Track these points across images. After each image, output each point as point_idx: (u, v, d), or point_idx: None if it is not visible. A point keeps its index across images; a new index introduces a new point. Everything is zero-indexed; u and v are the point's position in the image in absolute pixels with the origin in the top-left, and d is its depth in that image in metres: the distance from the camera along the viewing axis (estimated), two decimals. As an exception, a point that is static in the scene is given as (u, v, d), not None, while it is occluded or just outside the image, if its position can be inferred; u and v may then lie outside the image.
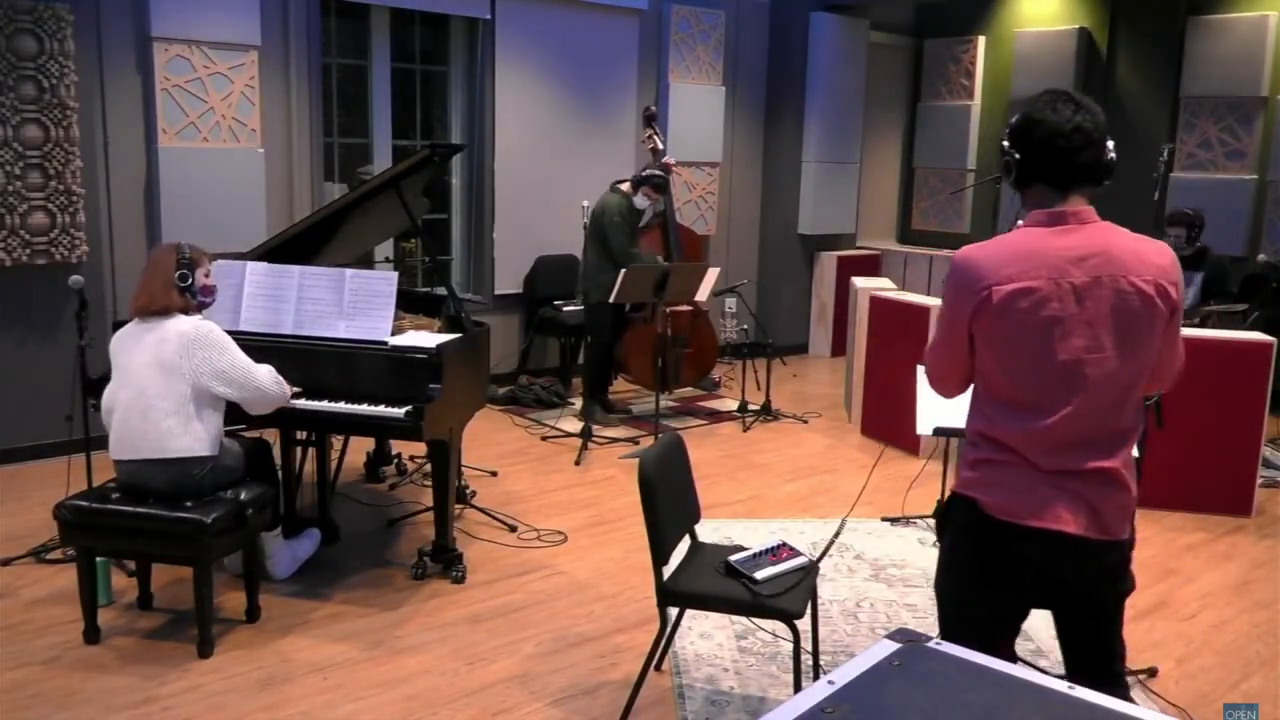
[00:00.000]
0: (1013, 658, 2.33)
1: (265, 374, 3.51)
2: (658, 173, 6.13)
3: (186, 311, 3.45)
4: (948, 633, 2.24)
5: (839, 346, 8.25)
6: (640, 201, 6.10)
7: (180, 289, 3.43)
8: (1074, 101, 2.08)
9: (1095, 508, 2.09)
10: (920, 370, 3.34)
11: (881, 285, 6.60)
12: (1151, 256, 2.07)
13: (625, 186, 6.17)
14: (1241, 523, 4.91)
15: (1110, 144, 2.12)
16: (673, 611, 3.11)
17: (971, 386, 2.24)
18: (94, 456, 4.10)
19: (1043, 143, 2.08)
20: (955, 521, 2.25)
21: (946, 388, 2.32)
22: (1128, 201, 4.56)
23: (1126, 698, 2.30)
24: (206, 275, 3.54)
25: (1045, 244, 2.07)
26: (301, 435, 4.32)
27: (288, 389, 3.62)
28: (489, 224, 6.98)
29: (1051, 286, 2.04)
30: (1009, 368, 2.10)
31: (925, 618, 3.84)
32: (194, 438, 3.37)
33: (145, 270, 3.51)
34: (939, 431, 3.30)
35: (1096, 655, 2.27)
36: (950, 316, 2.18)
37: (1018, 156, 2.13)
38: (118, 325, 3.59)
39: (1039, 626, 3.77)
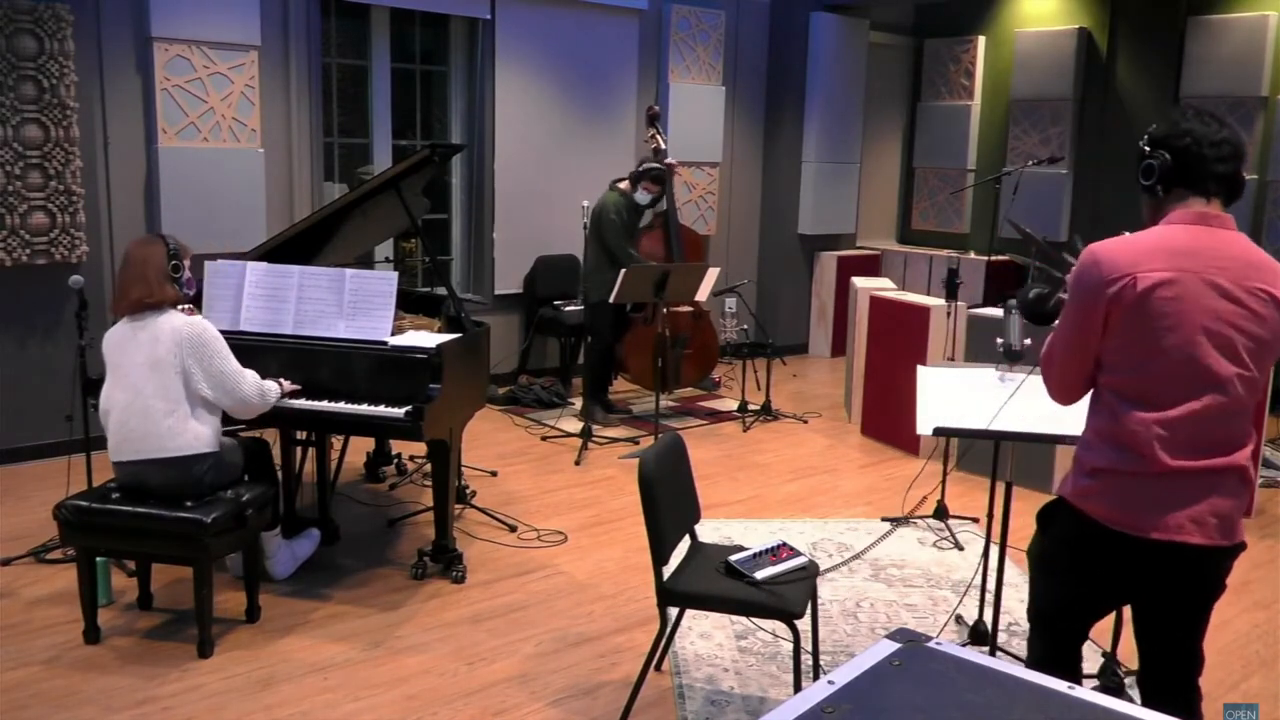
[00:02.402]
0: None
1: (251, 384, 3.49)
2: (655, 165, 6.14)
3: (177, 304, 3.44)
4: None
5: (839, 346, 8.25)
6: (641, 196, 6.10)
7: (173, 280, 3.43)
8: (1219, 119, 2.17)
9: (1218, 510, 2.11)
10: (920, 370, 3.33)
11: (881, 285, 6.61)
12: None
13: (624, 184, 6.17)
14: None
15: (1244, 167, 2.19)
16: (673, 611, 3.11)
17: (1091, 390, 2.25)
18: (94, 456, 4.10)
19: (1192, 148, 2.14)
20: (1061, 530, 2.28)
21: (1069, 392, 2.31)
22: (1130, 201, 4.55)
23: (1120, 687, 2.32)
24: (189, 267, 3.54)
25: (1191, 240, 2.11)
26: (301, 435, 4.32)
27: (272, 398, 3.57)
28: (489, 224, 6.98)
29: (1194, 281, 2.07)
30: (1141, 359, 2.11)
31: (925, 618, 3.84)
32: (193, 435, 3.37)
33: (131, 265, 3.43)
34: (939, 431, 3.29)
35: (1178, 658, 2.29)
36: (1080, 312, 2.18)
37: (1167, 157, 2.17)
38: (114, 323, 3.59)
39: (1039, 626, 3.77)
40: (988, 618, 3.54)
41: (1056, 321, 2.33)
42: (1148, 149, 2.21)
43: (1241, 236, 2.15)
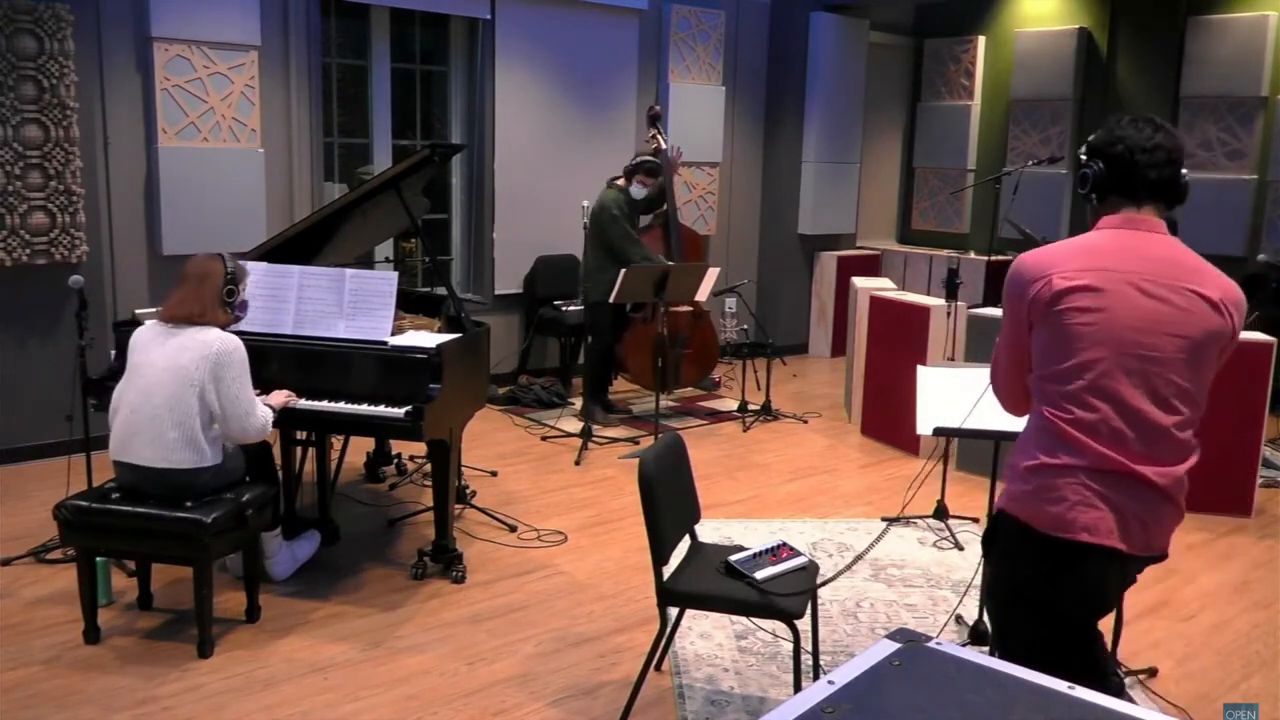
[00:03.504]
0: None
1: (258, 420, 3.43)
2: (649, 158, 6.14)
3: (225, 327, 3.43)
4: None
5: (839, 346, 8.25)
6: (636, 190, 6.10)
7: (226, 304, 3.44)
8: (1154, 123, 2.17)
9: (1144, 521, 2.09)
10: (920, 370, 3.33)
11: (881, 285, 6.60)
12: (1219, 277, 2.13)
13: (620, 181, 6.18)
14: (1241, 523, 4.91)
15: (1185, 170, 2.19)
16: (673, 611, 3.11)
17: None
18: (94, 456, 4.10)
19: (1123, 156, 2.15)
20: (1001, 546, 2.26)
21: (1016, 400, 2.33)
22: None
23: (1120, 687, 2.31)
24: (244, 290, 3.53)
25: (1113, 243, 2.12)
26: (301, 435, 4.32)
27: (268, 429, 3.51)
28: (489, 224, 6.98)
29: (1118, 283, 2.07)
30: (1062, 360, 2.11)
31: (925, 618, 3.84)
32: (196, 451, 3.34)
33: (187, 281, 3.43)
34: (939, 431, 3.30)
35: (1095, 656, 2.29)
36: (1010, 319, 2.21)
37: (1099, 167, 2.18)
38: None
39: (1039, 626, 3.77)
40: (987, 618, 3.54)
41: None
42: (1084, 158, 2.23)
43: (1169, 239, 2.15)
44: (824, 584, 3.68)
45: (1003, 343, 2.28)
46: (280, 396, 3.67)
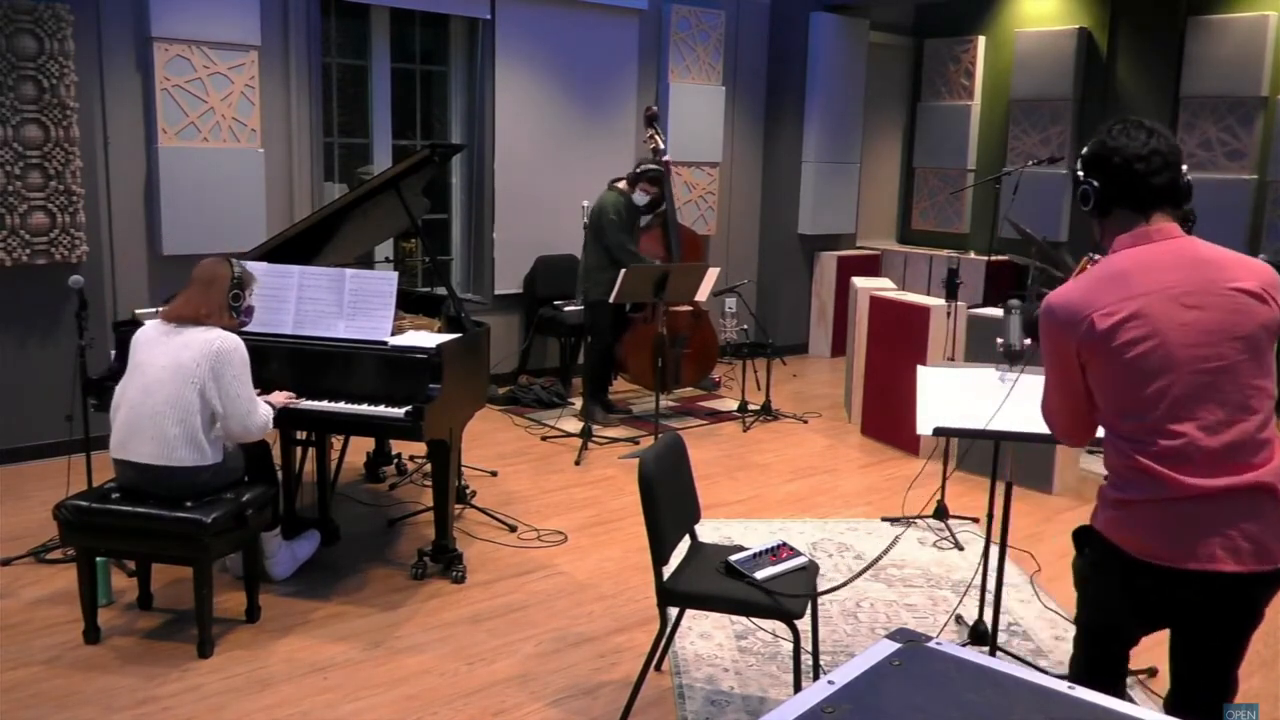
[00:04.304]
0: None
1: (260, 419, 3.43)
2: (653, 166, 6.14)
3: (227, 328, 3.43)
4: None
5: (839, 346, 8.25)
6: (639, 197, 6.10)
7: (232, 308, 3.44)
8: (1145, 127, 2.12)
9: (1250, 534, 2.01)
10: (920, 370, 3.33)
11: (881, 285, 6.60)
12: (1249, 262, 2.09)
13: (622, 184, 6.17)
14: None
15: (1185, 167, 2.15)
16: (673, 611, 3.11)
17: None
18: (94, 456, 4.10)
19: (1121, 168, 2.10)
20: (1093, 555, 2.21)
21: (1076, 436, 2.29)
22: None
23: None
24: (250, 295, 3.54)
25: (1140, 264, 2.07)
26: (301, 435, 4.32)
27: (269, 428, 3.51)
28: (489, 224, 6.98)
29: (1157, 304, 2.02)
30: (1133, 394, 2.05)
31: (925, 618, 3.84)
32: (197, 449, 3.35)
33: (195, 283, 3.45)
34: (939, 431, 3.29)
35: (1213, 685, 2.22)
36: (1056, 361, 2.16)
37: (1096, 184, 2.15)
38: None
39: (1039, 626, 3.77)
40: (988, 618, 3.54)
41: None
42: (1080, 174, 2.18)
43: (1188, 240, 2.10)
44: (830, 591, 3.68)
45: (1052, 387, 2.23)
46: (281, 397, 3.67)
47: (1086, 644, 2.33)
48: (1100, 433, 2.23)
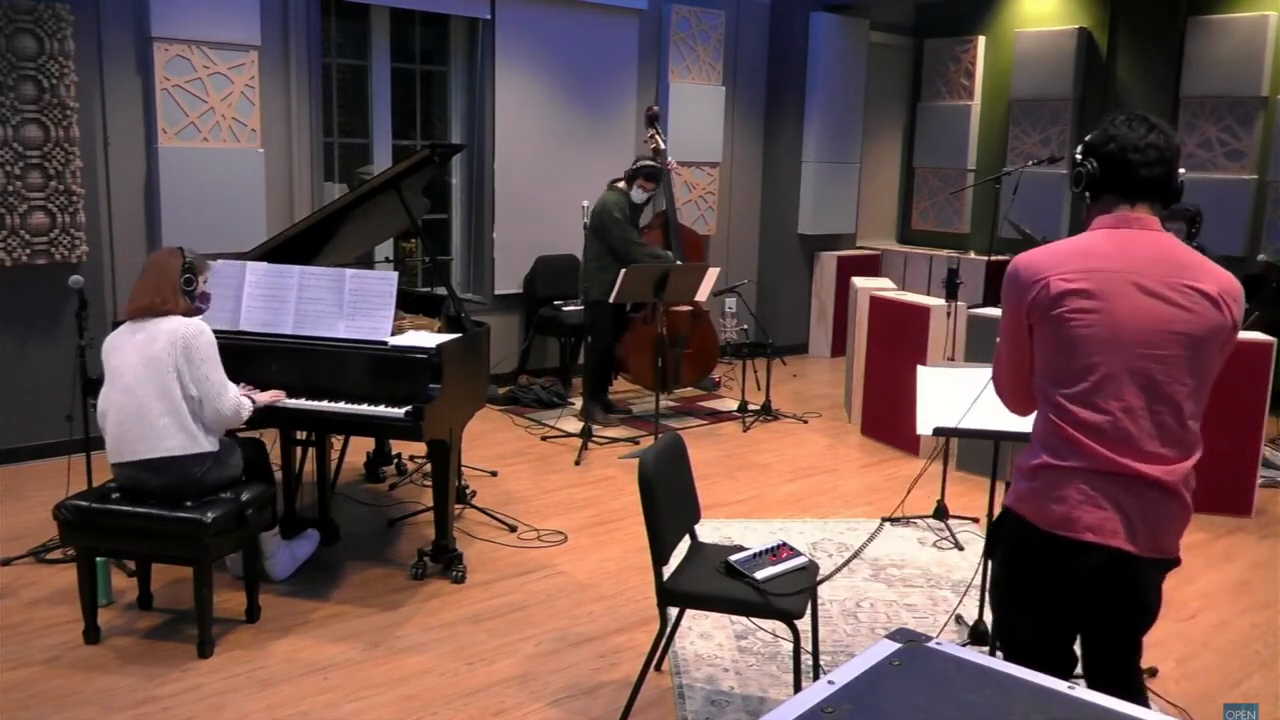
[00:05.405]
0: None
1: (231, 400, 3.44)
2: (650, 162, 6.15)
3: (187, 316, 3.44)
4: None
5: (839, 346, 8.25)
6: (637, 195, 6.11)
7: (185, 292, 3.44)
8: (1149, 122, 2.17)
9: (1151, 522, 2.09)
10: (920, 370, 3.33)
11: (881, 285, 6.60)
12: (1215, 271, 2.13)
13: (621, 184, 6.18)
14: (1242, 523, 4.91)
15: (1181, 170, 2.19)
16: (673, 611, 3.11)
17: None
18: (94, 456, 4.10)
19: (1115, 154, 2.16)
20: (1006, 544, 2.26)
21: (1020, 401, 2.33)
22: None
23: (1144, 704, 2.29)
24: (204, 282, 3.54)
25: (1110, 244, 2.13)
26: (301, 435, 4.32)
27: (245, 414, 3.50)
28: (489, 224, 6.98)
29: (1116, 283, 2.07)
30: (1066, 363, 2.11)
31: (925, 618, 3.84)
32: (189, 435, 3.36)
33: (147, 272, 3.49)
34: (939, 431, 3.30)
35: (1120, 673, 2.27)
36: (1009, 321, 2.22)
37: (1090, 167, 2.20)
38: (118, 325, 3.58)
39: (1039, 626, 3.77)
40: (988, 618, 3.54)
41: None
42: (1079, 156, 2.24)
43: (1165, 236, 2.15)
44: (821, 581, 3.67)
45: (1003, 344, 2.29)
46: (268, 395, 3.67)
47: (1013, 657, 2.31)
48: None
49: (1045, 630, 2.24)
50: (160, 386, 3.33)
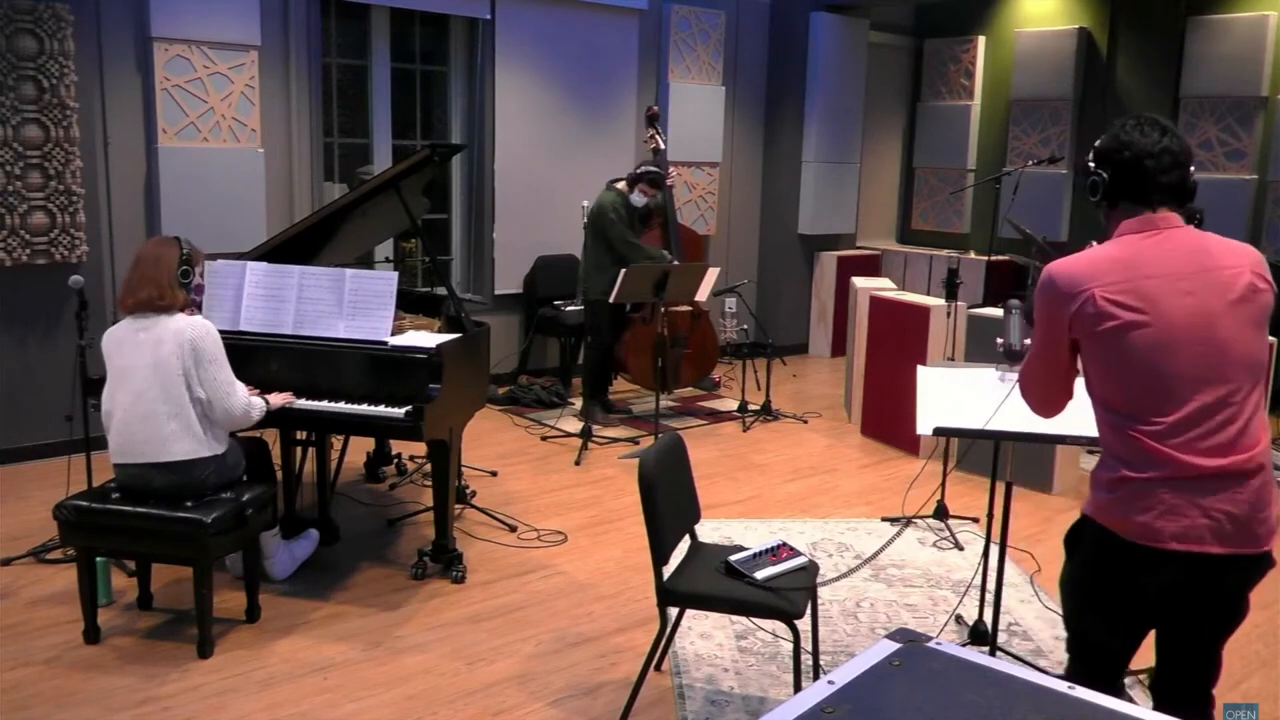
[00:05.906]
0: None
1: (240, 398, 3.44)
2: (653, 168, 6.14)
3: (185, 308, 3.43)
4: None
5: (839, 346, 8.25)
6: (637, 199, 6.10)
7: (182, 285, 3.42)
8: (1160, 125, 2.16)
9: (1240, 516, 2.06)
10: (920, 370, 3.33)
11: (881, 285, 6.60)
12: (1241, 249, 2.15)
13: (621, 185, 6.17)
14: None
15: (1193, 168, 2.19)
16: (673, 611, 3.11)
17: (1093, 406, 2.22)
18: (94, 456, 4.10)
19: (1131, 163, 2.15)
20: (1086, 551, 2.23)
21: (1050, 406, 2.32)
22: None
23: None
24: (200, 275, 3.53)
25: (1144, 250, 2.12)
26: (301, 435, 4.32)
27: (256, 415, 3.50)
28: (489, 224, 6.98)
29: (1159, 289, 2.07)
30: (1130, 373, 2.09)
31: (926, 618, 3.84)
32: (196, 440, 3.36)
33: (142, 264, 3.42)
34: (939, 431, 3.29)
35: (1197, 669, 2.26)
36: (1046, 330, 2.20)
37: (1105, 176, 2.19)
38: (116, 320, 3.58)
39: (1039, 626, 3.77)
40: (988, 618, 3.54)
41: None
42: (1091, 165, 2.23)
43: (1190, 230, 2.16)
44: (825, 583, 3.68)
45: (1037, 355, 2.26)
46: (279, 398, 3.67)
47: (1082, 653, 2.33)
48: (1078, 422, 2.23)
49: (1115, 632, 2.24)
50: (168, 390, 3.32)
